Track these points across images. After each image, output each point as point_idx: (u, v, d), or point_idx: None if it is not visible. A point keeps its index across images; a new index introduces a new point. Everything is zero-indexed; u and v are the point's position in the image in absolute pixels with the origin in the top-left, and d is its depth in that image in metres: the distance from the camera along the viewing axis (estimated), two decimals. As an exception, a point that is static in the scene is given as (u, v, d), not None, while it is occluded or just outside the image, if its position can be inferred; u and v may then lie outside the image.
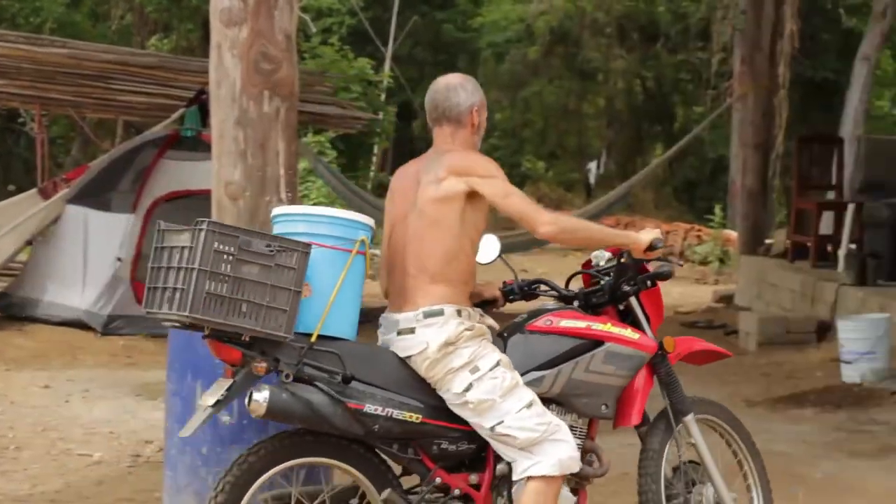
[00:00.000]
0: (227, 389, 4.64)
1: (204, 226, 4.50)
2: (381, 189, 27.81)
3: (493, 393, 4.85)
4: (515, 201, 4.91)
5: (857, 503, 6.54)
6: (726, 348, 5.80)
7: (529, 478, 4.87)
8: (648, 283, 5.28)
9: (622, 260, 5.24)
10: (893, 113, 29.70)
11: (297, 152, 5.75)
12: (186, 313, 4.48)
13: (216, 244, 4.52)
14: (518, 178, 31.24)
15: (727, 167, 25.37)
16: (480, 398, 4.85)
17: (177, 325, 4.67)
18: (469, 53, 31.88)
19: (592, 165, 31.49)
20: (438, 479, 4.93)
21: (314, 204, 19.63)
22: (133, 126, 19.82)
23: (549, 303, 5.29)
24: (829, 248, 13.34)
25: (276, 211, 4.91)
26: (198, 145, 12.16)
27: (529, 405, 4.89)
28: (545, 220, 4.91)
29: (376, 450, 4.86)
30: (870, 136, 17.36)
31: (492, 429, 4.86)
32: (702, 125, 18.07)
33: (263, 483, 4.66)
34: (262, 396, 4.62)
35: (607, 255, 5.41)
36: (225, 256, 4.53)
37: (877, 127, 27.80)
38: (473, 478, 5.00)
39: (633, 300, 5.29)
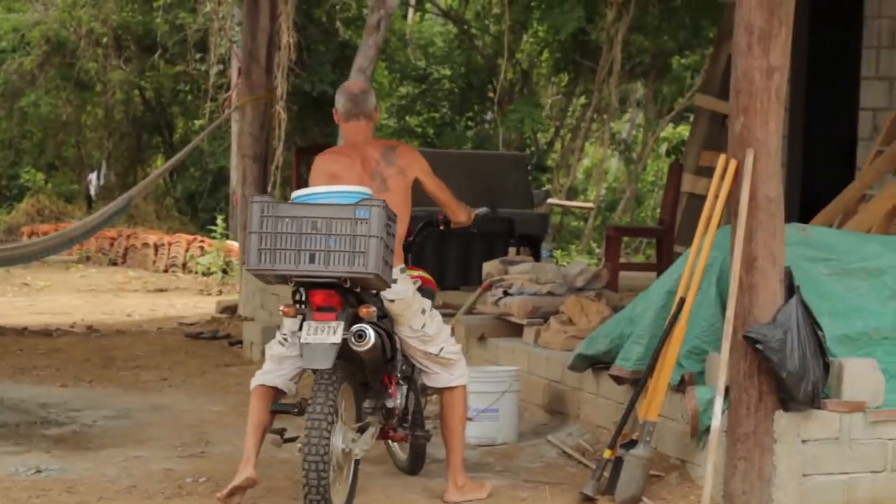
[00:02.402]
0: (345, 329, 6.08)
1: (378, 202, 6.08)
2: None
3: (438, 328, 6.75)
4: (446, 193, 6.90)
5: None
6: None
7: (452, 387, 6.81)
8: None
9: (443, 227, 7.17)
10: (390, 124, 30.63)
11: None
12: (373, 271, 6.03)
13: (384, 217, 6.05)
14: (16, 191, 30.34)
15: (228, 178, 25.48)
16: (434, 331, 6.71)
17: (319, 279, 6.08)
18: (-39, 63, 30.71)
19: (93, 177, 30.94)
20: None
21: None
22: None
23: None
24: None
25: (300, 192, 6.33)
26: None
27: (451, 334, 6.94)
28: (463, 210, 7.01)
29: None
30: (366, 147, 17.82)
31: (437, 353, 6.75)
32: (200, 136, 18.07)
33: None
34: (372, 334, 6.17)
35: None
36: (385, 226, 6.07)
37: (374, 137, 28.59)
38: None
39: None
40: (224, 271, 20.28)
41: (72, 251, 22.01)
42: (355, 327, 6.14)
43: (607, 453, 6.96)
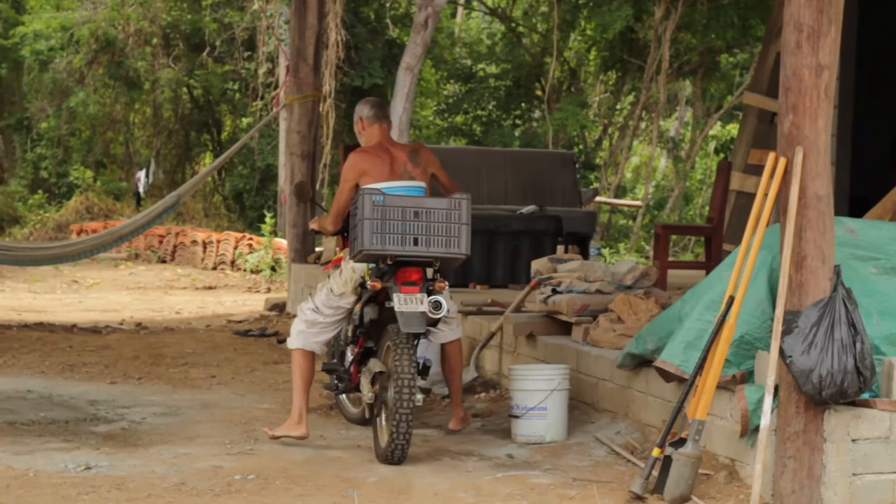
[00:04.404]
0: (427, 300, 7.30)
1: (465, 197, 7.43)
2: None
3: (445, 293, 7.68)
4: (454, 180, 8.29)
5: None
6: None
7: (453, 340, 8.16)
8: None
9: None
10: (437, 122, 30.67)
11: None
12: (464, 252, 7.39)
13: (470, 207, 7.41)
14: (66, 189, 30.55)
15: (276, 176, 25.57)
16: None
17: (419, 258, 7.35)
18: (12, 61, 30.92)
19: (141, 175, 31.12)
20: None
21: None
22: None
23: None
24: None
25: (371, 187, 7.50)
26: None
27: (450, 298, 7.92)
28: (460, 188, 8.09)
29: None
30: (414, 145, 17.82)
31: (447, 313, 7.59)
32: (248, 134, 18.14)
33: None
34: (445, 304, 7.39)
35: None
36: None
37: (421, 136, 28.67)
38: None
39: None
40: (272, 269, 20.36)
41: (121, 249, 22.16)
42: (431, 298, 7.34)
43: (656, 452, 6.95)
